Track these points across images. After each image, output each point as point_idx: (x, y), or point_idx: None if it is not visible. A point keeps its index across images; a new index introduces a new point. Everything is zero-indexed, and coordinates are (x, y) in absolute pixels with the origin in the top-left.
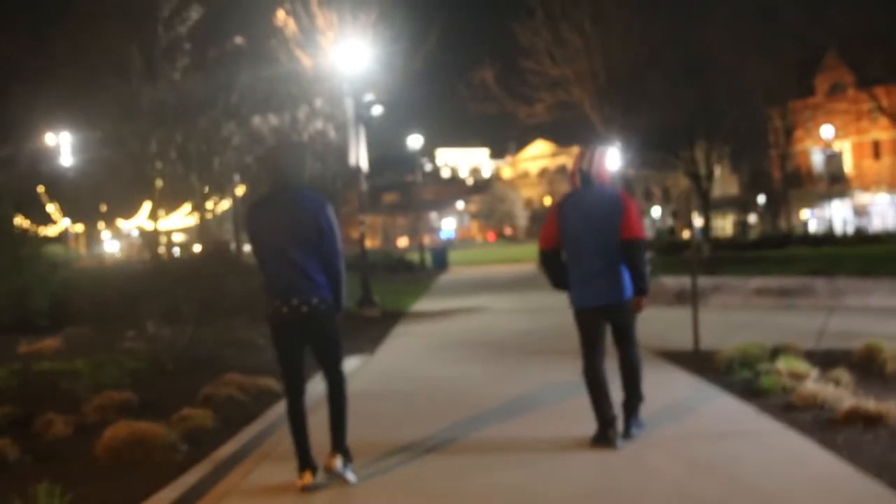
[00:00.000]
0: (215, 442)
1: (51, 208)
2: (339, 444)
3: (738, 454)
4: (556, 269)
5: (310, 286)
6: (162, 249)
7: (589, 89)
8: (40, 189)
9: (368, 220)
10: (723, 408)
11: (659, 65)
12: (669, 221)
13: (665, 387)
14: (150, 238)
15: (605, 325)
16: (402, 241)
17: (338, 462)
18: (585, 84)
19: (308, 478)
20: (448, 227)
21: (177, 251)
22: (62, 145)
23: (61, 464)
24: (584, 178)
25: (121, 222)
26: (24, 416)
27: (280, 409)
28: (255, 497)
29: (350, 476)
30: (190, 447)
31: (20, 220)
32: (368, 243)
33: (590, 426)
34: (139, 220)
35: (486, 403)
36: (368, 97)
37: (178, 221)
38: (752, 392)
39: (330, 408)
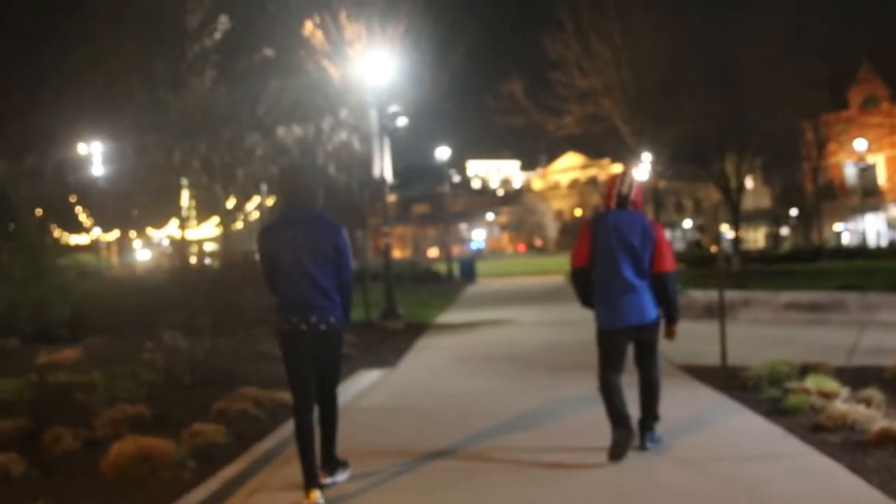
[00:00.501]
0: (225, 458)
1: (82, 217)
2: (330, 458)
3: (763, 478)
4: (586, 287)
5: (328, 304)
6: (193, 259)
7: (618, 101)
8: (72, 199)
9: (398, 231)
10: (748, 427)
11: (689, 77)
12: (698, 234)
13: (690, 404)
14: (179, 247)
15: (626, 344)
16: (433, 252)
17: (327, 478)
18: (614, 96)
19: (314, 496)
20: (478, 238)
21: (208, 260)
22: (93, 155)
23: (66, 479)
24: (621, 201)
25: (151, 231)
26: (34, 429)
27: (292, 425)
28: None
29: (340, 477)
30: (198, 464)
31: (50, 229)
32: (398, 254)
33: (607, 442)
34: (169, 230)
35: (504, 419)
36: (393, 108)
37: (209, 231)
38: (779, 411)
39: (324, 426)
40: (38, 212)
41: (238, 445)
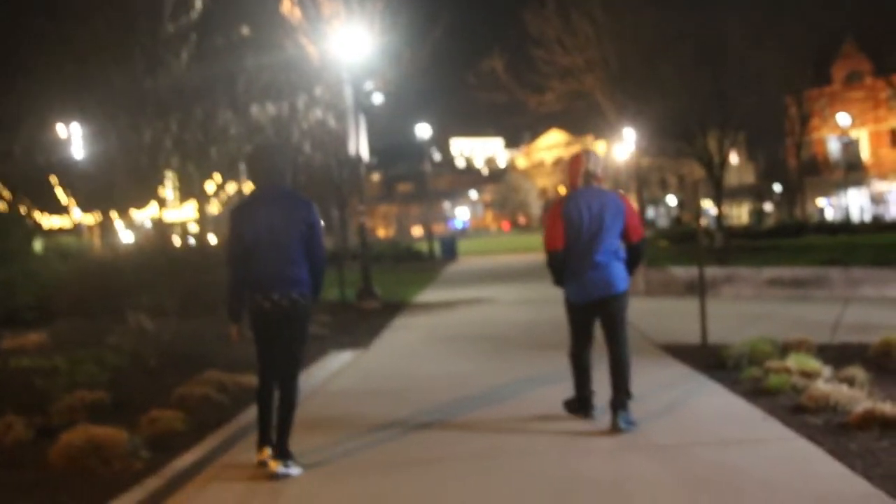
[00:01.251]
0: (181, 446)
1: (64, 199)
2: (282, 446)
3: (742, 464)
4: (562, 268)
5: (292, 281)
6: (177, 240)
7: (600, 78)
8: (52, 180)
9: (383, 209)
10: (728, 409)
11: (671, 52)
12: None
13: (668, 384)
14: (160, 229)
15: (594, 317)
16: (417, 231)
17: (279, 468)
18: (597, 73)
19: (266, 453)
20: (461, 216)
21: (192, 241)
22: (72, 136)
23: (11, 472)
24: (588, 178)
25: (134, 213)
26: None
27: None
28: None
29: (294, 471)
30: (153, 453)
31: (21, 211)
32: (382, 233)
33: (578, 425)
34: (152, 211)
35: (477, 403)
36: (369, 85)
37: (191, 212)
38: (759, 392)
39: (280, 410)
40: (6, 194)
41: (197, 432)
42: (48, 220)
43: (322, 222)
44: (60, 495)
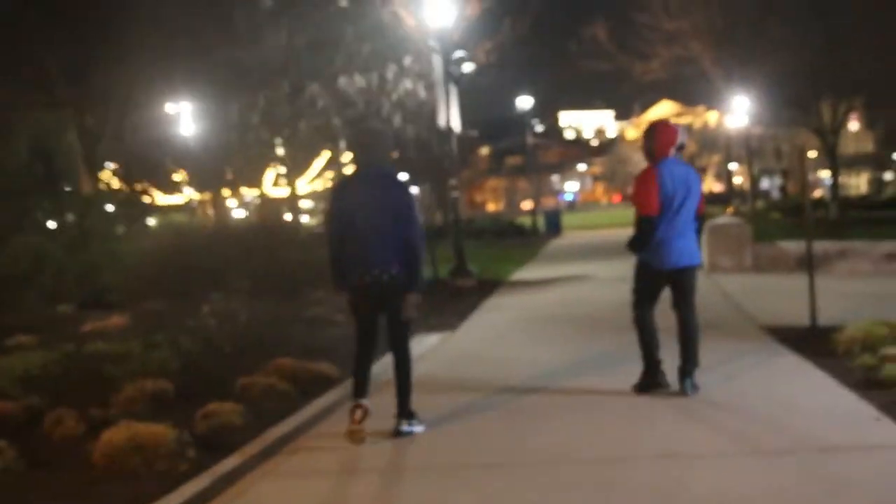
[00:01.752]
0: (233, 445)
1: (176, 177)
2: (403, 407)
3: (842, 475)
4: (652, 235)
5: (391, 258)
6: (288, 216)
7: (707, 42)
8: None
9: (492, 183)
10: (836, 406)
11: (781, 7)
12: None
13: (768, 373)
14: (267, 205)
15: (666, 284)
16: (525, 205)
17: (404, 425)
18: (703, 36)
19: (359, 414)
20: (570, 189)
21: (306, 218)
22: (181, 114)
23: (50, 473)
24: (678, 150)
25: (245, 190)
26: (43, 409)
27: (320, 402)
28: None
29: (417, 428)
30: (201, 452)
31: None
32: (492, 207)
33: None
34: (264, 188)
35: (561, 397)
36: (459, 54)
37: (304, 188)
38: (873, 383)
39: (397, 376)
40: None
41: (254, 427)
42: (161, 198)
43: (416, 203)
44: (98, 498)
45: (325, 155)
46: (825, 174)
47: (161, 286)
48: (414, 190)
